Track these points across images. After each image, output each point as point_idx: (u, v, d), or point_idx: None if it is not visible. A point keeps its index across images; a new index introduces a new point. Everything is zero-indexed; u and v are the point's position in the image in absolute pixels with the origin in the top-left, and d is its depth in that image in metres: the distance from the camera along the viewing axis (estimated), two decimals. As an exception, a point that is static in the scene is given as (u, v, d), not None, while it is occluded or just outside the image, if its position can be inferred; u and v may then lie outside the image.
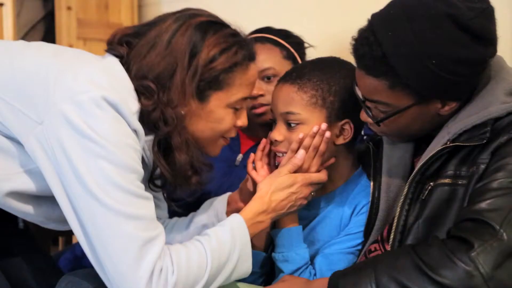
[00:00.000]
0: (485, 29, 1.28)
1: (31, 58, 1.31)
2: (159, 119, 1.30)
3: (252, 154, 1.59)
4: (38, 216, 1.36)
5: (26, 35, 2.66)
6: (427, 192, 1.36)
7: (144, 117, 1.30)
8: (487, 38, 1.29)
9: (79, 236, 1.24)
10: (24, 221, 1.49)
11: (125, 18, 2.84)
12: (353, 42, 1.35)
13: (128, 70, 1.32)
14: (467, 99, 1.37)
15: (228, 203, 1.60)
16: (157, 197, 1.51)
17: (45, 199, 1.31)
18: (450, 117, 1.37)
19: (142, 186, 1.26)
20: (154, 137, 1.33)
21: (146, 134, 1.31)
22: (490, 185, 1.26)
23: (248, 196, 1.53)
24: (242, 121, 1.43)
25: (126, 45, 1.35)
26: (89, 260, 1.26)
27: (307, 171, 1.49)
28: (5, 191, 1.29)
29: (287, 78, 1.54)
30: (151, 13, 2.88)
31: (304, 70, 1.54)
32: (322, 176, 1.51)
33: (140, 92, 1.30)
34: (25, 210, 1.34)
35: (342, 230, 1.56)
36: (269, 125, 1.90)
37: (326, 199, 1.59)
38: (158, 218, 1.35)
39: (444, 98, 1.34)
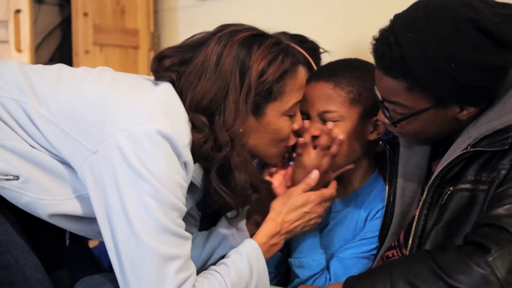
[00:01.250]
0: (508, 36, 1.27)
1: (90, 88, 1.33)
2: (210, 151, 1.32)
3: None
4: (88, 231, 1.39)
5: (43, 42, 2.69)
6: (446, 197, 1.35)
7: (195, 149, 1.32)
8: (510, 45, 1.28)
9: (114, 266, 1.26)
10: (71, 237, 1.50)
11: (141, 24, 2.86)
12: (374, 42, 1.35)
13: (181, 97, 1.34)
14: (488, 104, 1.37)
15: (248, 215, 1.59)
16: (194, 217, 1.54)
17: (95, 219, 1.32)
18: (468, 122, 1.36)
19: (183, 224, 1.28)
20: (211, 166, 1.34)
21: (195, 161, 1.33)
22: (509, 191, 1.25)
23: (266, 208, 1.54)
24: (298, 123, 1.45)
25: (175, 72, 1.37)
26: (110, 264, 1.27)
27: (317, 169, 1.48)
28: (53, 212, 1.32)
29: (320, 76, 1.53)
30: (167, 18, 2.89)
31: (335, 68, 1.54)
32: (333, 191, 1.50)
33: (193, 123, 1.32)
34: (75, 228, 1.37)
35: (357, 234, 1.56)
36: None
37: (342, 203, 1.59)
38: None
39: (463, 103, 1.33)
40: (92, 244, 2.26)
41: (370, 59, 1.41)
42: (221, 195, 1.36)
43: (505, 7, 1.29)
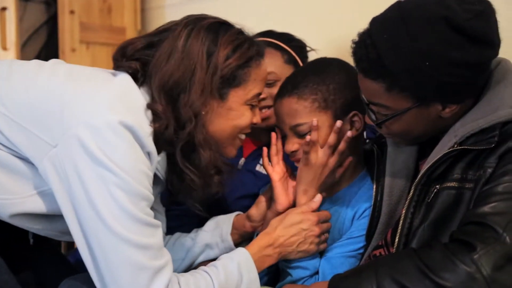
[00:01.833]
0: (481, 31, 1.28)
1: (45, 82, 1.31)
2: (173, 133, 1.32)
3: (265, 149, 1.59)
4: (51, 230, 1.37)
5: (29, 39, 2.66)
6: (432, 195, 1.36)
7: (158, 138, 1.32)
8: (484, 40, 1.29)
9: (86, 260, 1.25)
10: (36, 236, 1.49)
11: (128, 22, 2.84)
12: (353, 45, 1.37)
13: (146, 83, 1.34)
14: (473, 103, 1.37)
15: (234, 225, 1.61)
16: (157, 210, 1.53)
17: (59, 216, 1.31)
18: (453, 120, 1.37)
19: (152, 213, 1.27)
20: (175, 147, 1.34)
21: (159, 152, 1.33)
22: (495, 189, 1.26)
23: (261, 215, 1.57)
24: (257, 118, 1.46)
25: (138, 60, 1.37)
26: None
27: (324, 167, 1.51)
28: (14, 212, 1.30)
29: (284, 91, 1.56)
30: (154, 17, 2.88)
31: (297, 78, 1.56)
32: (327, 213, 1.53)
33: (153, 111, 1.32)
34: (36, 227, 1.36)
35: (344, 233, 1.56)
36: (272, 129, 1.91)
37: (330, 202, 1.60)
38: None
39: (443, 101, 1.34)
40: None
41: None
42: (186, 175, 1.36)
43: (479, 3, 1.30)
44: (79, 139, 1.21)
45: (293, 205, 1.57)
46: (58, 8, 2.63)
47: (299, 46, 1.97)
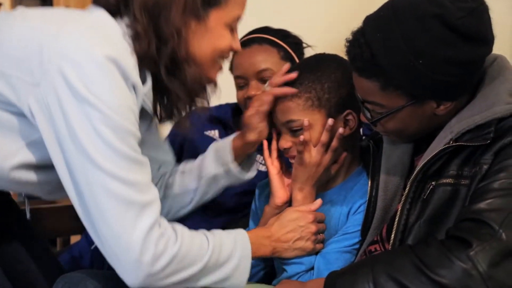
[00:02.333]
0: (474, 29, 1.28)
1: (20, 25, 1.29)
2: (156, 51, 1.30)
3: (265, 142, 1.59)
4: (46, 184, 1.35)
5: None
6: (428, 191, 1.36)
7: (142, 60, 1.30)
8: (477, 38, 1.29)
9: (72, 197, 1.23)
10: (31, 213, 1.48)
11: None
12: (346, 44, 1.37)
13: (126, 13, 1.31)
14: (468, 99, 1.37)
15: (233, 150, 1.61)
16: (153, 144, 1.52)
17: (52, 167, 1.28)
18: (448, 116, 1.37)
19: (139, 150, 1.26)
20: (160, 65, 1.32)
21: (145, 81, 1.31)
22: (491, 185, 1.26)
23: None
24: (237, 44, 1.43)
25: None
26: (87, 232, 1.25)
27: (318, 166, 1.51)
28: (13, 165, 1.28)
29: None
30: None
31: (297, 70, 1.55)
32: (323, 214, 1.53)
33: (134, 31, 1.30)
34: (32, 181, 1.33)
35: (340, 228, 1.56)
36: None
37: (326, 197, 1.59)
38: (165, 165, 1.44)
39: (438, 99, 1.34)
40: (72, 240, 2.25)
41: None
42: (172, 93, 1.35)
43: (472, 1, 1.30)
44: (61, 75, 1.19)
45: (290, 201, 1.57)
46: (53, 4, 2.63)
47: (296, 43, 1.96)
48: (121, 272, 1.23)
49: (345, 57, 1.53)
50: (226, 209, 1.86)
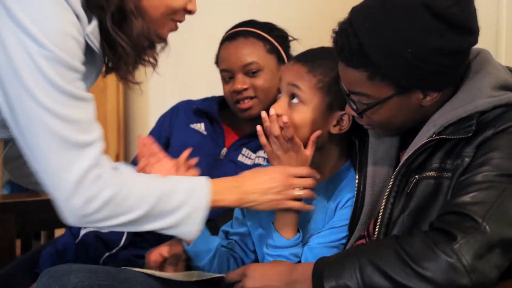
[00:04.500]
0: (461, 18, 1.28)
1: None
2: None
3: (259, 128, 1.52)
4: None
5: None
6: (412, 185, 1.36)
7: (89, 3, 1.25)
8: (464, 28, 1.29)
9: (13, 129, 1.20)
10: None
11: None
12: (333, 34, 1.36)
13: None
14: (452, 92, 1.38)
15: None
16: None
17: None
18: (433, 109, 1.37)
19: (83, 86, 1.23)
20: (106, 12, 1.27)
21: (90, 20, 1.27)
22: (474, 178, 1.26)
23: None
24: (192, 5, 1.39)
25: None
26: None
27: (287, 153, 1.48)
28: None
29: (301, 58, 1.56)
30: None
31: (318, 55, 1.56)
32: (307, 169, 1.49)
33: None
34: None
35: (327, 223, 1.55)
36: (254, 120, 1.91)
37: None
38: None
39: (424, 89, 1.34)
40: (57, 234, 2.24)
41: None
42: (118, 44, 1.30)
43: None
44: (2, 3, 1.15)
45: None
46: None
47: (282, 36, 1.97)
48: (58, 208, 1.21)
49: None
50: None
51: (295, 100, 1.52)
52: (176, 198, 1.28)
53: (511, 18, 2.12)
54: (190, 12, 1.38)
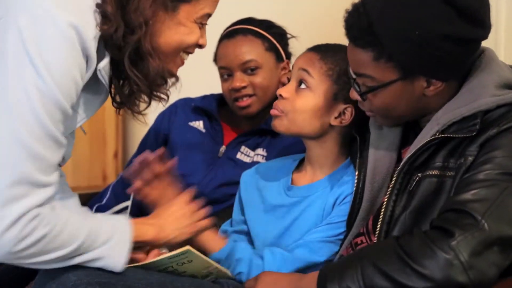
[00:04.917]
0: (473, 7, 1.29)
1: None
2: (122, 37, 1.28)
3: None
4: None
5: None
6: (414, 183, 1.36)
7: (107, 41, 1.28)
8: (474, 18, 1.30)
9: None
10: None
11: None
12: (345, 14, 1.38)
13: None
14: (456, 89, 1.38)
15: None
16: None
17: None
18: (436, 102, 1.38)
19: (62, 130, 1.23)
20: (124, 53, 1.30)
21: (103, 57, 1.29)
22: (476, 176, 1.27)
23: None
24: (204, 40, 1.42)
25: None
26: None
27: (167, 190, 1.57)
28: None
29: (316, 47, 1.60)
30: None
31: (333, 47, 1.59)
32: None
33: (103, 12, 1.27)
34: None
35: (325, 219, 1.56)
36: (253, 118, 1.91)
37: (311, 188, 1.60)
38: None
39: (429, 76, 1.35)
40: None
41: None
42: (133, 83, 1.32)
43: None
44: (17, 29, 1.16)
45: None
46: None
47: (280, 33, 1.96)
48: None
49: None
50: (210, 200, 1.86)
51: (302, 86, 1.55)
52: (104, 233, 1.31)
53: (510, 17, 2.12)
54: (201, 46, 1.42)
